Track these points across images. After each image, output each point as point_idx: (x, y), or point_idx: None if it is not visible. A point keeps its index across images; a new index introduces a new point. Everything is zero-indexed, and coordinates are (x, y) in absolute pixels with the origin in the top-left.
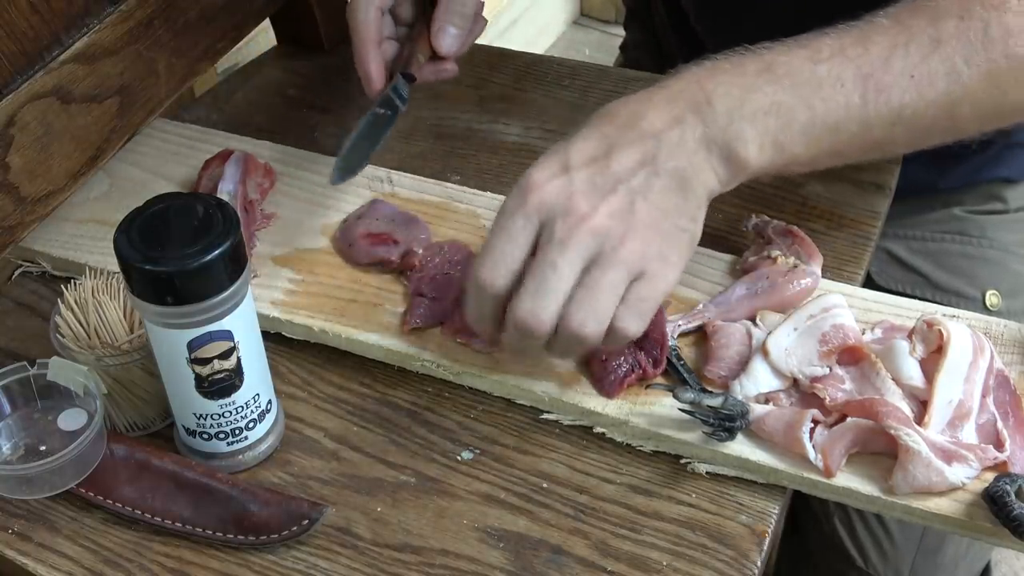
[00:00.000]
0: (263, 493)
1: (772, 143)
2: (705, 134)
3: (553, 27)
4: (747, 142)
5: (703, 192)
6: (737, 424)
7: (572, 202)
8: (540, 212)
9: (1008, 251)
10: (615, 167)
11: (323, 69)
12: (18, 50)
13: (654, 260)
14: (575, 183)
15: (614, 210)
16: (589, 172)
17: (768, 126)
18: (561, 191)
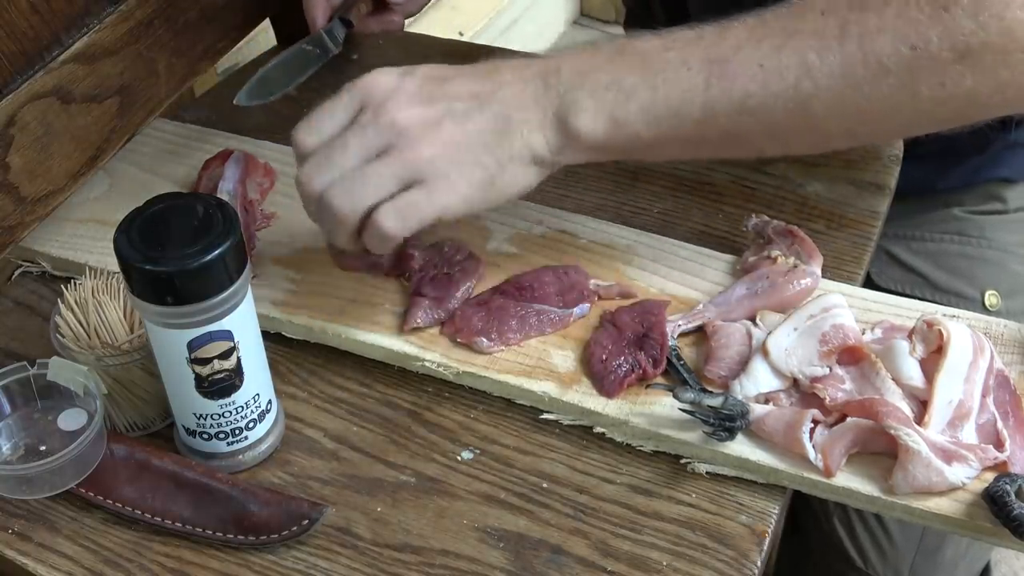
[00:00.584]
0: (263, 493)
1: (608, 117)
2: (542, 96)
3: (553, 27)
4: (581, 111)
5: (522, 145)
6: (737, 424)
7: (390, 98)
8: (362, 97)
9: (1007, 251)
10: (447, 88)
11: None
12: (18, 50)
13: (437, 175)
14: (404, 85)
15: (423, 117)
16: (421, 83)
17: (606, 99)
18: (388, 86)
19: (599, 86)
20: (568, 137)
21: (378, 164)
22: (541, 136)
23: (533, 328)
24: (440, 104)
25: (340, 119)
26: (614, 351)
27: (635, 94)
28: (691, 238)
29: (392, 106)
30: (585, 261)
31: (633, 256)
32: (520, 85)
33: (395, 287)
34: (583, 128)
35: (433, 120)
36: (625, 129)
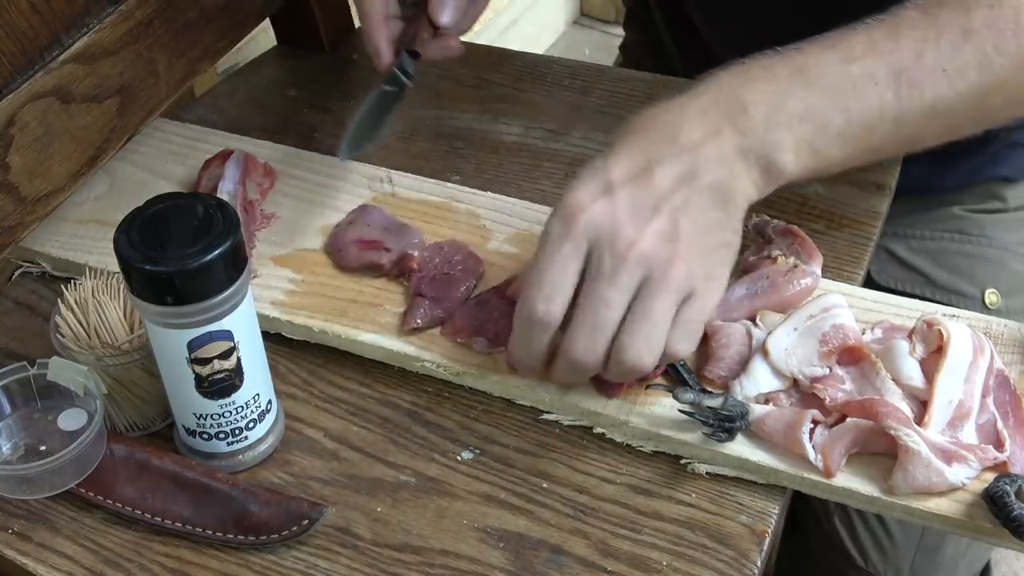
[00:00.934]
0: (263, 493)
1: (808, 149)
2: (742, 145)
3: (553, 27)
4: (784, 150)
5: (743, 203)
6: (737, 424)
7: (618, 227)
8: (587, 236)
9: (1007, 250)
10: (657, 184)
11: (323, 69)
12: (18, 50)
13: (701, 280)
14: (618, 204)
15: (659, 232)
16: (631, 191)
17: (804, 132)
18: (606, 213)
19: (794, 117)
20: (774, 176)
21: (651, 303)
22: (751, 185)
23: None
24: (663, 207)
25: (573, 272)
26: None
27: (830, 120)
28: None
29: (626, 238)
30: None
31: None
32: (715, 142)
33: (395, 287)
34: (788, 166)
35: (668, 230)
36: (824, 156)
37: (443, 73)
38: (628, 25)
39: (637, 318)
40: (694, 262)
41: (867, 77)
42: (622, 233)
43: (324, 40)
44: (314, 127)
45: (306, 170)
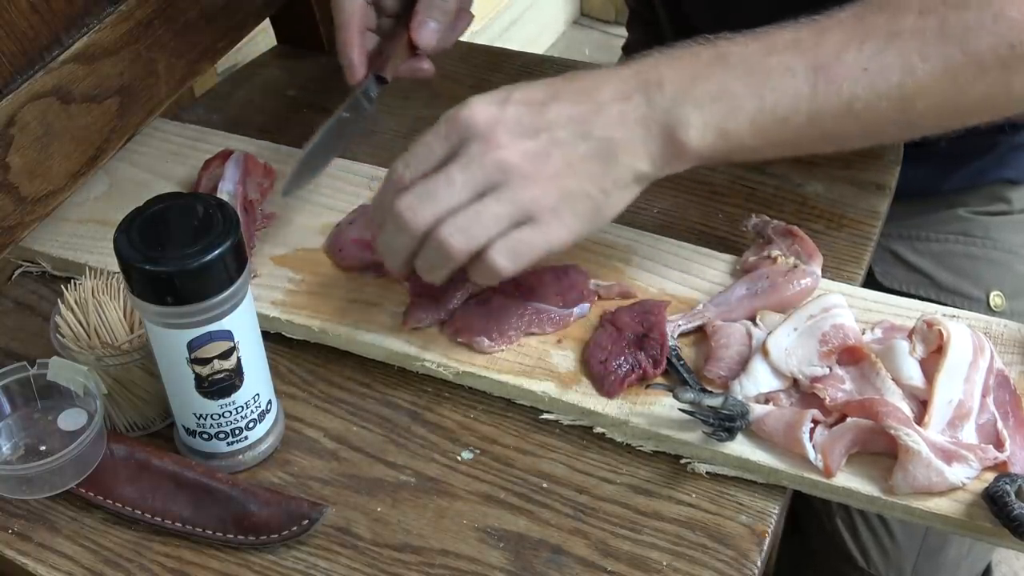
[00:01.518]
0: (263, 493)
1: (716, 129)
2: (647, 114)
3: (553, 27)
4: (689, 126)
5: (627, 169)
6: (737, 424)
7: (493, 131)
8: (462, 130)
9: (1012, 252)
10: (548, 115)
11: (323, 69)
12: (18, 50)
13: (546, 211)
14: (505, 115)
15: (529, 152)
16: (521, 110)
17: (714, 112)
18: (488, 118)
19: (706, 98)
20: (675, 151)
21: (491, 202)
22: (645, 155)
23: (533, 328)
24: (543, 135)
25: (438, 152)
26: (614, 351)
27: (743, 105)
28: (691, 238)
29: (496, 141)
30: (585, 261)
31: (633, 256)
32: (621, 103)
33: (395, 287)
34: (692, 142)
35: (539, 153)
36: (732, 139)
37: (443, 73)
38: (631, 25)
39: (468, 208)
40: (547, 191)
41: (784, 69)
42: (494, 138)
43: (324, 40)
44: (314, 127)
45: None
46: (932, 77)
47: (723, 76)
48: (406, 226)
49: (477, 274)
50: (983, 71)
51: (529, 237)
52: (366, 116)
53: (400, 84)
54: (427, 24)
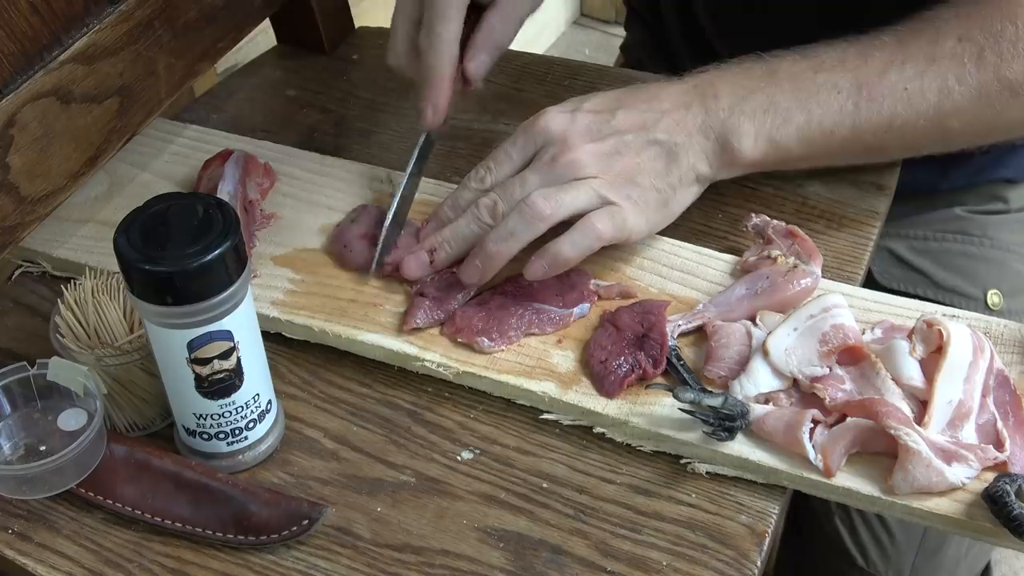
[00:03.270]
0: (263, 493)
1: (767, 139)
2: (705, 121)
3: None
4: (743, 135)
5: (689, 170)
6: (737, 424)
7: (566, 136)
8: (538, 138)
9: (1010, 251)
10: (615, 122)
11: (323, 69)
12: (18, 50)
13: (622, 199)
14: (576, 122)
15: (599, 152)
16: (591, 118)
17: (765, 123)
18: (561, 125)
19: (758, 110)
20: (729, 157)
21: (572, 184)
22: (704, 159)
23: (533, 328)
24: (612, 139)
25: (516, 160)
26: (614, 351)
27: (791, 117)
28: (691, 238)
29: (568, 144)
30: (585, 261)
31: (633, 256)
32: (682, 112)
33: (395, 287)
34: (745, 150)
35: (607, 153)
36: (781, 149)
37: None
38: (629, 25)
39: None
40: (619, 185)
41: (831, 85)
42: (568, 142)
43: (324, 40)
44: (314, 127)
45: (306, 170)
46: (967, 99)
47: (773, 90)
48: (483, 214)
49: (574, 237)
50: (1016, 96)
51: (618, 211)
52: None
53: (401, 84)
54: (480, 58)
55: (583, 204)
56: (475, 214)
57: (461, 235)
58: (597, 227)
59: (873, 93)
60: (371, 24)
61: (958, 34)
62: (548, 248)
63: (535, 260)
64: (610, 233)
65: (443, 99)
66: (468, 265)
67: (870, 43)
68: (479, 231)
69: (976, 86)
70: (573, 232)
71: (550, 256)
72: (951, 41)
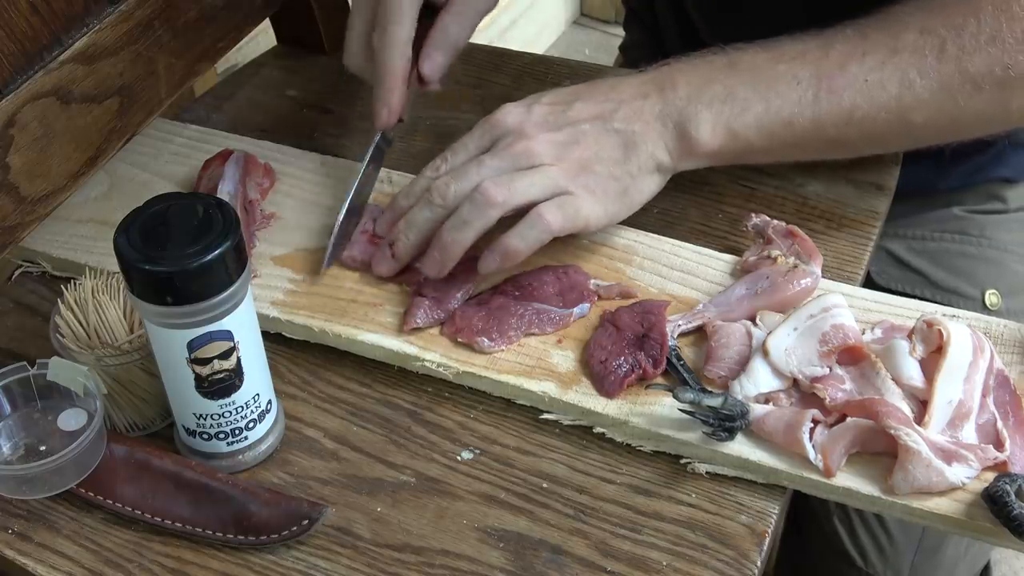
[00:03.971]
0: (263, 493)
1: (725, 128)
2: (663, 111)
3: (553, 27)
4: (700, 123)
5: (648, 158)
6: (737, 424)
7: (522, 127)
8: (495, 129)
9: (1008, 251)
10: (572, 113)
11: (323, 69)
12: (18, 50)
13: (579, 187)
14: (532, 115)
15: (556, 140)
16: (547, 110)
17: (723, 112)
18: (517, 118)
19: (715, 98)
20: (688, 146)
21: (527, 172)
22: (663, 147)
23: (533, 328)
24: (568, 128)
25: (472, 150)
26: (614, 351)
27: (749, 107)
28: (691, 238)
29: (525, 134)
30: (585, 261)
31: (633, 256)
32: (639, 101)
33: (395, 287)
34: (702, 138)
35: (563, 142)
36: (740, 139)
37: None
38: (628, 25)
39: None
40: (575, 172)
41: (791, 76)
42: (523, 132)
43: (324, 40)
44: (314, 127)
45: (306, 170)
46: (929, 92)
47: (732, 80)
48: (436, 198)
49: (523, 230)
50: (979, 90)
51: (571, 201)
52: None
53: None
54: (434, 57)
55: (537, 192)
56: (427, 198)
57: (415, 222)
58: (546, 218)
59: (833, 85)
60: None
61: (920, 27)
62: (499, 242)
63: (487, 254)
64: (559, 224)
65: (396, 99)
66: (428, 257)
67: (833, 35)
68: (432, 216)
69: (938, 79)
70: (522, 224)
71: (501, 249)
72: (913, 34)
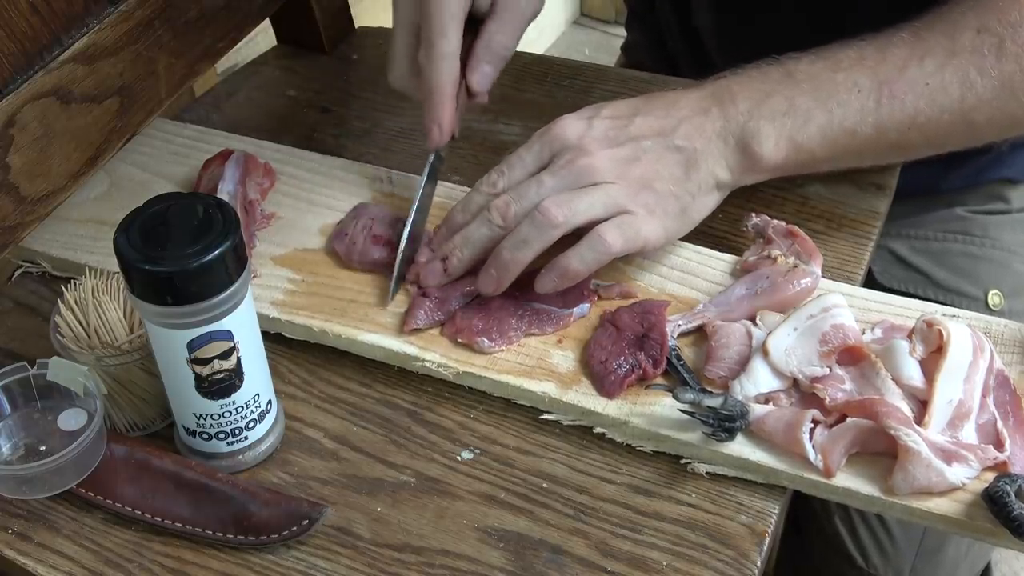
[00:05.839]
0: (263, 493)
1: (788, 141)
2: (724, 127)
3: (553, 27)
4: (763, 138)
5: (708, 176)
6: (737, 424)
7: (582, 143)
8: (553, 144)
9: (1010, 251)
10: (633, 128)
11: (323, 69)
12: (18, 50)
13: (639, 207)
14: (593, 129)
15: (617, 157)
16: (608, 124)
17: (785, 125)
18: (577, 132)
19: (777, 112)
20: (750, 161)
21: (588, 190)
22: (723, 165)
23: (533, 328)
24: (629, 144)
25: (531, 165)
26: (614, 351)
27: (812, 118)
28: (691, 238)
29: (585, 150)
30: None
31: (633, 256)
32: (700, 117)
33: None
34: (765, 153)
35: (625, 159)
36: (803, 151)
37: None
38: (629, 26)
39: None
40: (636, 191)
41: (851, 84)
42: (584, 148)
43: (324, 40)
44: (314, 127)
45: (306, 170)
46: (991, 92)
47: (792, 92)
48: (495, 218)
49: (583, 251)
50: None
51: (631, 221)
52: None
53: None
54: (483, 69)
55: (598, 211)
56: (486, 216)
57: (472, 239)
58: (607, 240)
59: (894, 90)
60: (371, 24)
61: (976, 26)
62: (558, 261)
63: (545, 273)
64: (620, 245)
65: (447, 116)
66: (484, 274)
67: (888, 40)
68: (490, 234)
69: (999, 78)
70: (582, 245)
71: (559, 270)
72: (970, 34)
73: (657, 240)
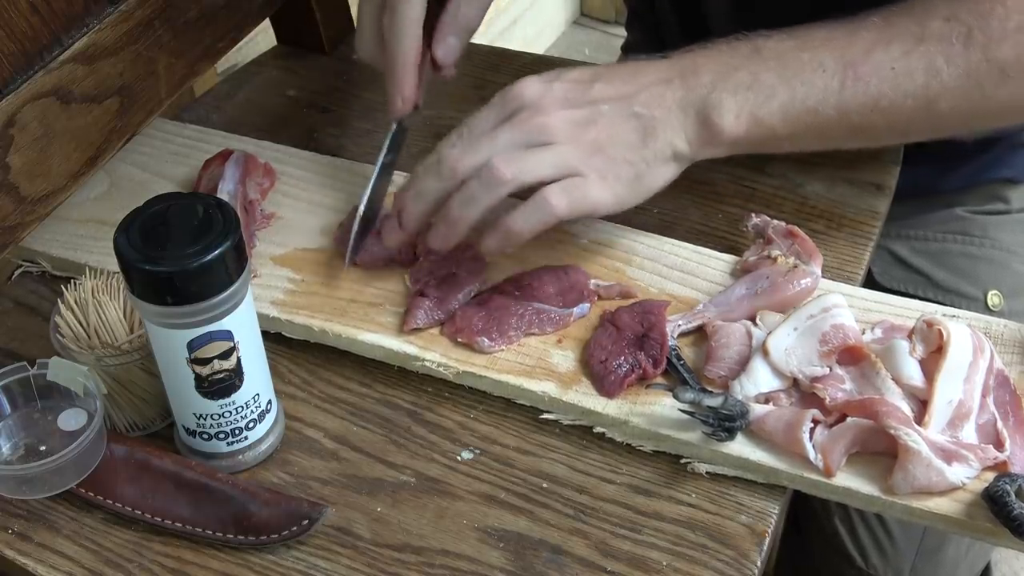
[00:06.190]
0: (263, 493)
1: (749, 115)
2: (685, 97)
3: (553, 27)
4: (724, 111)
5: (666, 145)
6: (737, 424)
7: (540, 102)
8: (513, 102)
9: (1010, 251)
10: (593, 92)
11: (323, 69)
12: (18, 50)
13: (590, 170)
14: (552, 90)
15: (573, 119)
16: (568, 87)
17: (747, 99)
18: (537, 92)
19: (740, 86)
20: (709, 134)
21: (537, 151)
22: (682, 135)
23: (533, 328)
24: (587, 107)
25: (489, 123)
26: (614, 351)
27: (775, 95)
28: (691, 238)
29: (542, 109)
30: (585, 261)
31: (633, 256)
32: (662, 86)
33: (395, 287)
34: (726, 126)
35: (581, 121)
36: (764, 126)
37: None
38: (630, 25)
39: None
40: (589, 153)
41: (816, 64)
42: (541, 107)
43: (324, 40)
44: (314, 127)
45: (306, 170)
46: (956, 80)
47: (757, 67)
48: (445, 170)
49: (527, 212)
50: (1005, 78)
51: (580, 184)
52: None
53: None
54: (448, 41)
55: (547, 171)
56: (437, 169)
57: (424, 192)
58: (551, 201)
59: (859, 72)
60: None
61: (945, 14)
62: (501, 221)
63: (488, 233)
64: (565, 208)
65: (410, 86)
66: (433, 230)
67: (858, 23)
68: (441, 187)
69: (964, 67)
70: (527, 206)
71: (502, 229)
72: (938, 21)
73: (606, 206)
